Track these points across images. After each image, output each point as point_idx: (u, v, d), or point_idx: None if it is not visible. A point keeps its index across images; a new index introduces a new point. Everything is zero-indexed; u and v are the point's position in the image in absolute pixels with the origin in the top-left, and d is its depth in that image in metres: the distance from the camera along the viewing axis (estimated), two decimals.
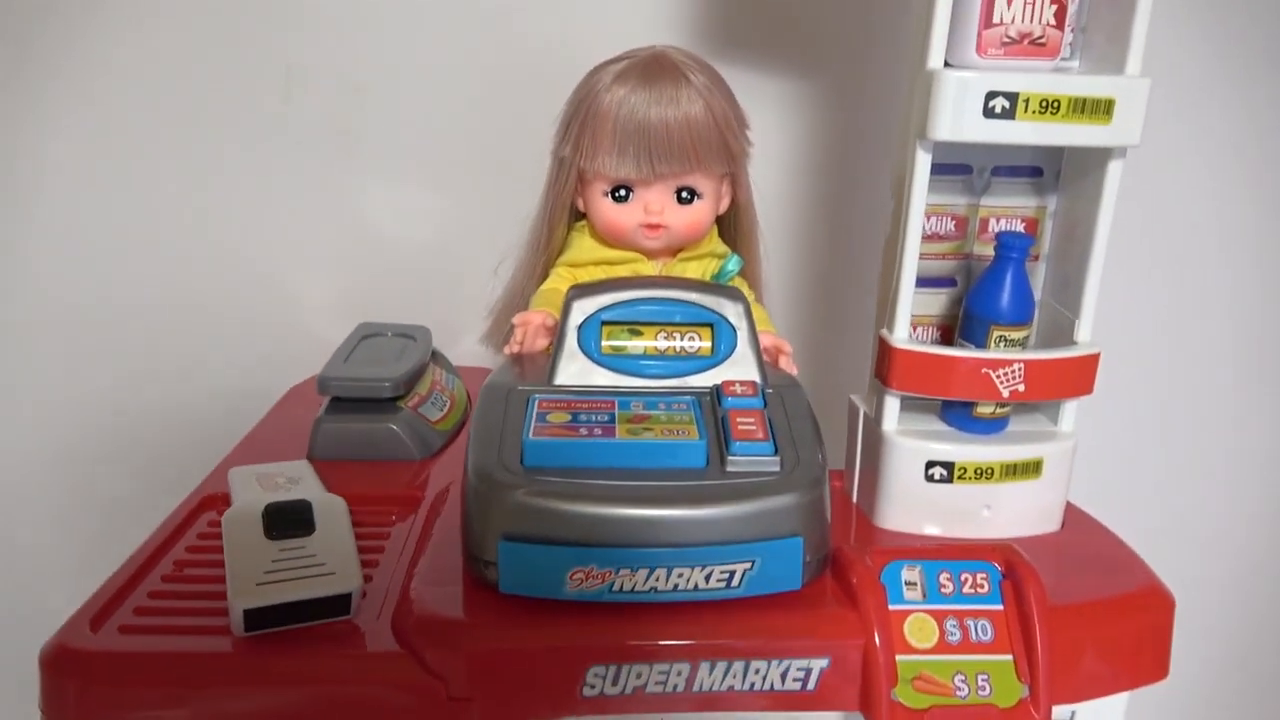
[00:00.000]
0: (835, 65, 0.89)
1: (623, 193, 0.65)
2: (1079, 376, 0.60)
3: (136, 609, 0.54)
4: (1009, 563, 0.54)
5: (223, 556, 0.53)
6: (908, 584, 0.53)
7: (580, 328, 0.60)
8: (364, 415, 0.73)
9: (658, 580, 0.50)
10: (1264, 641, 1.09)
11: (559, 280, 0.68)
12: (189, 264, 0.93)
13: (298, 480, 0.60)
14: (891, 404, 0.62)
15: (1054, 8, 0.56)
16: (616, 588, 0.50)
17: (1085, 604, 0.54)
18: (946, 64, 0.57)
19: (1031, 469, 0.61)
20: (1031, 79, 0.54)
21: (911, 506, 0.62)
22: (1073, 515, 0.64)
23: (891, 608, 0.52)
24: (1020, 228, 0.64)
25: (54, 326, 0.94)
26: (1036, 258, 0.65)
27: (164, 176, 0.91)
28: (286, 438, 0.75)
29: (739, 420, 0.54)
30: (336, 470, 0.69)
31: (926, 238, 0.63)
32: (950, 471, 0.60)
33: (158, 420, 0.96)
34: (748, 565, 0.50)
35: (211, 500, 0.65)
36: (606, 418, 0.55)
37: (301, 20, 0.87)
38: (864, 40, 0.87)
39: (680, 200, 0.65)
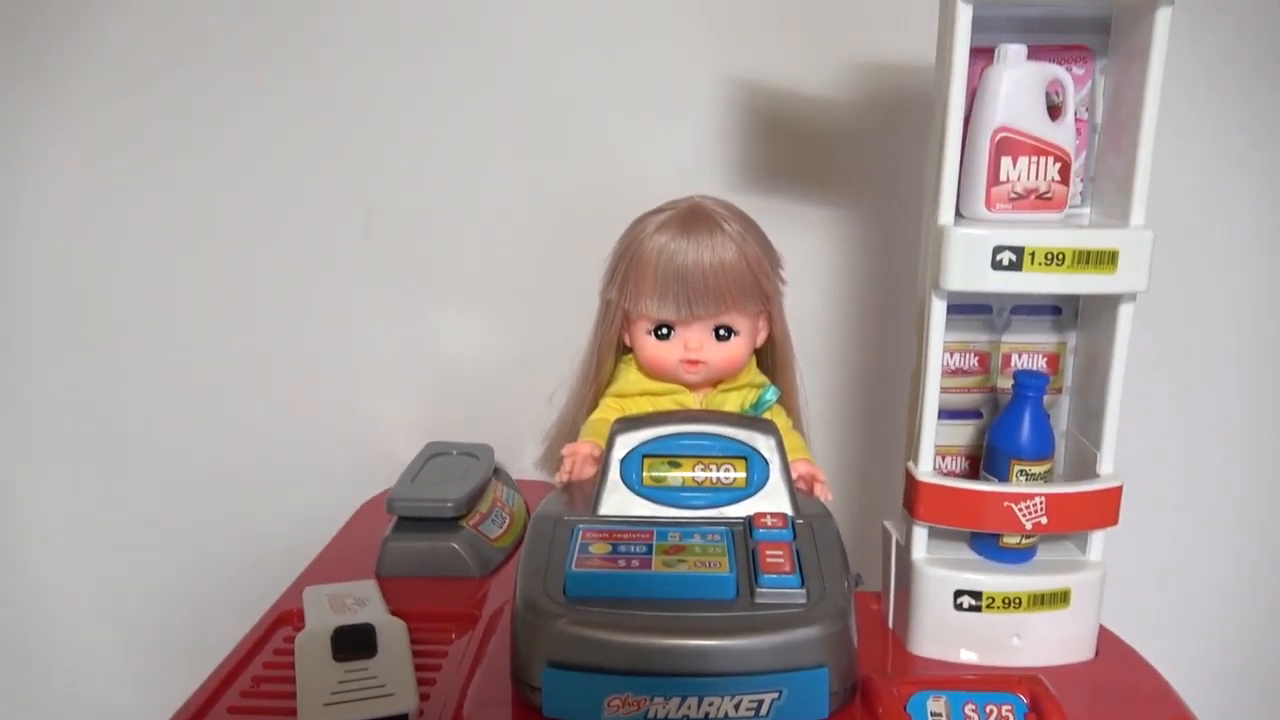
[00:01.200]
0: (870, 196, 0.94)
1: (665, 331, 0.70)
2: (1102, 508, 0.62)
3: None
4: (1034, 695, 0.56)
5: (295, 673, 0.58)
6: (933, 714, 0.55)
7: (623, 461, 0.64)
8: (428, 534, 0.78)
9: (690, 708, 0.53)
10: None
11: (607, 410, 0.73)
12: (271, 385, 1.01)
13: (365, 601, 0.66)
14: (920, 533, 0.64)
15: (1058, 165, 0.60)
16: (651, 715, 0.53)
17: None
18: (959, 214, 0.62)
19: (1059, 599, 0.62)
20: (1037, 234, 0.58)
21: (943, 634, 0.64)
22: (1107, 642, 0.65)
23: None
24: (1042, 363, 0.67)
25: (136, 448, 1.02)
26: (1060, 390, 0.68)
27: (248, 300, 1.00)
28: (358, 554, 0.81)
29: (768, 553, 0.58)
30: (402, 587, 0.74)
31: (951, 372, 0.67)
32: (979, 600, 0.62)
33: (238, 534, 1.03)
34: (775, 695, 0.53)
35: (288, 616, 0.71)
36: (644, 549, 0.59)
37: (379, 164, 0.96)
38: (896, 174, 0.92)
39: (718, 337, 0.70)
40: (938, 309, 0.61)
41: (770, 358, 0.75)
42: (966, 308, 0.66)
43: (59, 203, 0.98)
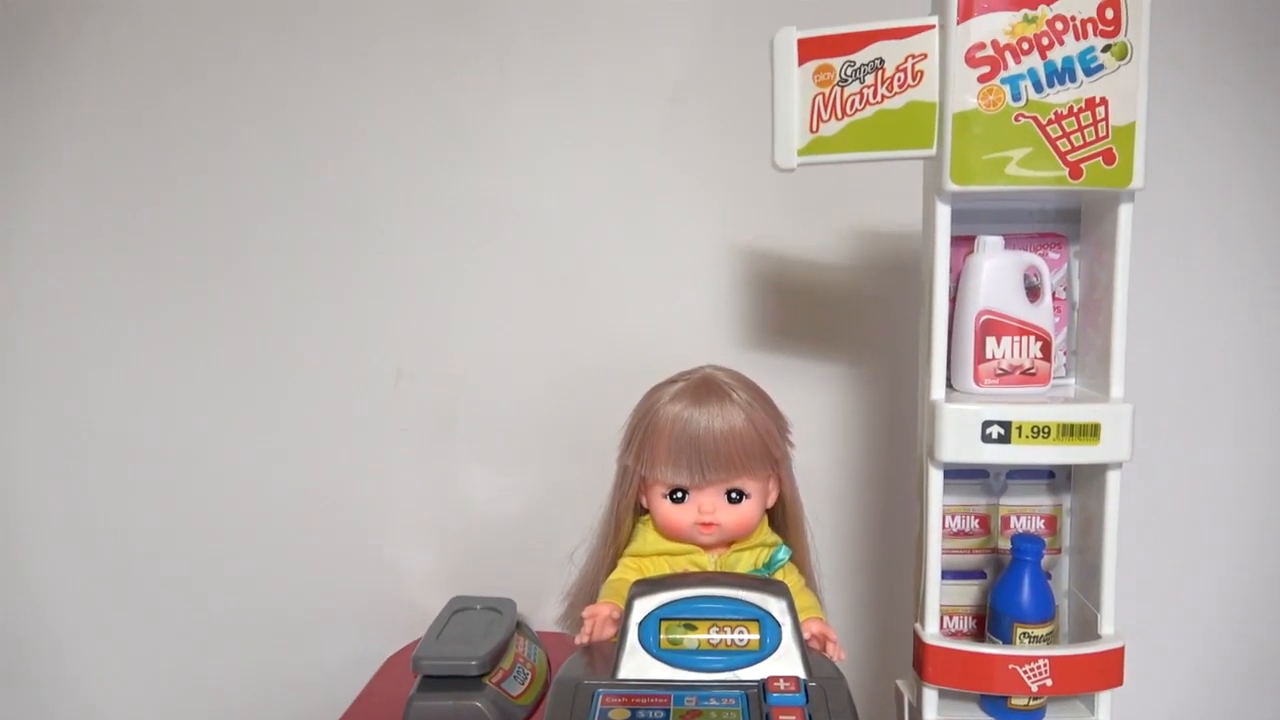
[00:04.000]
0: (874, 354, 0.99)
1: (679, 495, 0.74)
2: (1106, 670, 0.64)
3: None
4: None
5: None
6: None
7: (641, 624, 0.67)
8: (452, 692, 0.81)
9: None
10: None
11: (625, 571, 0.76)
12: (297, 536, 1.05)
13: None
14: (930, 696, 0.66)
15: (1039, 344, 0.65)
16: None
17: None
18: (951, 386, 0.66)
19: None
20: (1023, 409, 0.62)
21: None
22: None
23: None
24: (1040, 524, 0.70)
25: (156, 600, 1.06)
26: (1059, 550, 0.71)
27: (278, 453, 1.04)
28: (382, 712, 0.83)
29: (781, 718, 0.60)
30: None
31: (953, 534, 0.70)
32: None
33: (263, 684, 1.05)
34: None
35: None
36: (662, 714, 0.61)
37: (409, 325, 1.03)
38: (898, 333, 0.97)
39: (730, 500, 0.74)
40: (935, 477, 0.65)
41: (781, 517, 0.79)
42: (964, 473, 0.70)
43: (61, 343, 1.04)
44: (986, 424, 0.62)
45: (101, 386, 1.05)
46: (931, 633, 0.66)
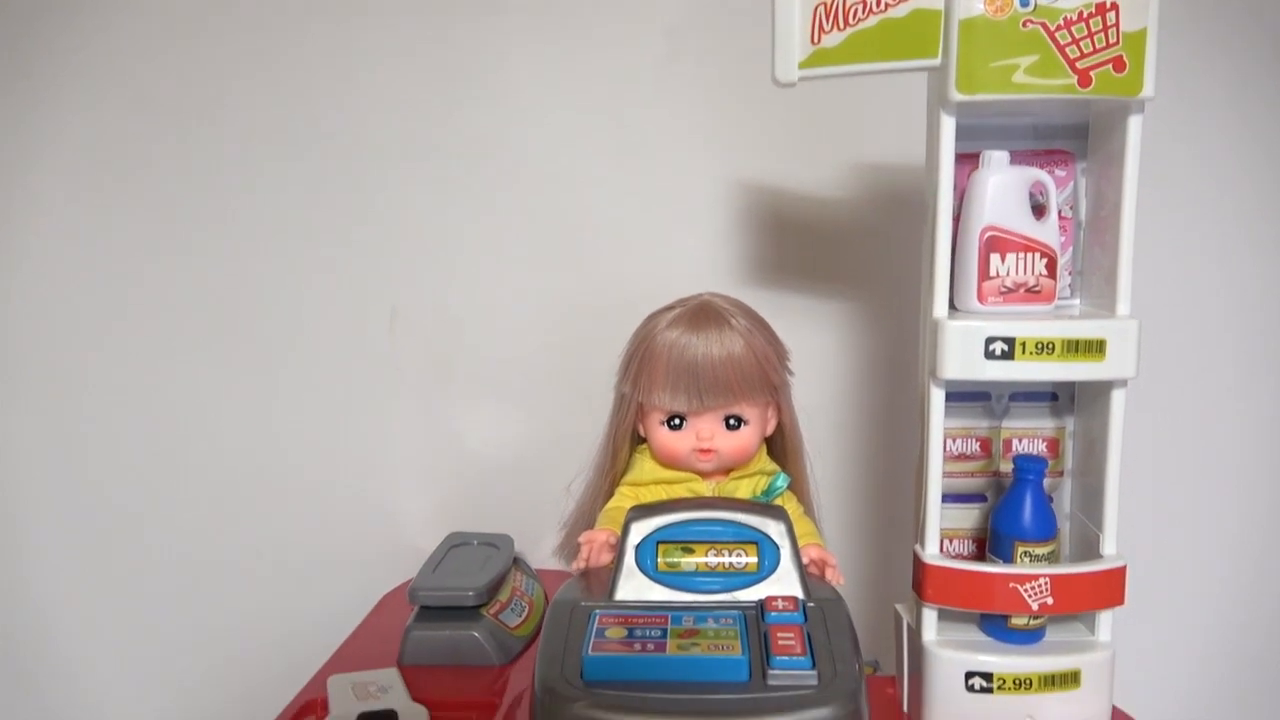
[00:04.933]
0: (873, 289, 0.98)
1: (677, 421, 0.73)
2: (1107, 589, 0.64)
3: None
4: None
5: None
6: None
7: (638, 547, 0.66)
8: (449, 623, 0.80)
9: None
10: None
11: (622, 499, 0.75)
12: (297, 478, 1.04)
13: (387, 689, 0.67)
14: (929, 617, 0.66)
15: (1044, 261, 0.64)
16: None
17: None
18: (954, 308, 0.65)
19: (1070, 679, 0.63)
20: (1027, 325, 0.61)
21: (956, 716, 0.64)
22: None
23: None
24: (1042, 447, 0.70)
25: (162, 534, 1.05)
26: (1061, 474, 0.70)
27: (273, 396, 1.03)
28: (380, 643, 0.82)
29: (779, 635, 0.59)
30: (423, 675, 0.76)
31: (955, 458, 0.69)
32: (990, 682, 0.63)
33: (262, 627, 1.05)
34: None
35: (312, 705, 0.72)
36: (659, 633, 0.60)
37: (403, 266, 1.01)
38: (897, 268, 0.95)
39: (729, 426, 0.73)
40: (937, 398, 0.64)
41: (780, 445, 0.78)
42: (966, 395, 0.69)
43: (63, 297, 1.02)
44: (990, 340, 0.61)
45: (94, 331, 1.03)
46: (931, 553, 0.65)
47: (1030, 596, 0.62)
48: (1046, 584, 0.62)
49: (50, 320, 1.03)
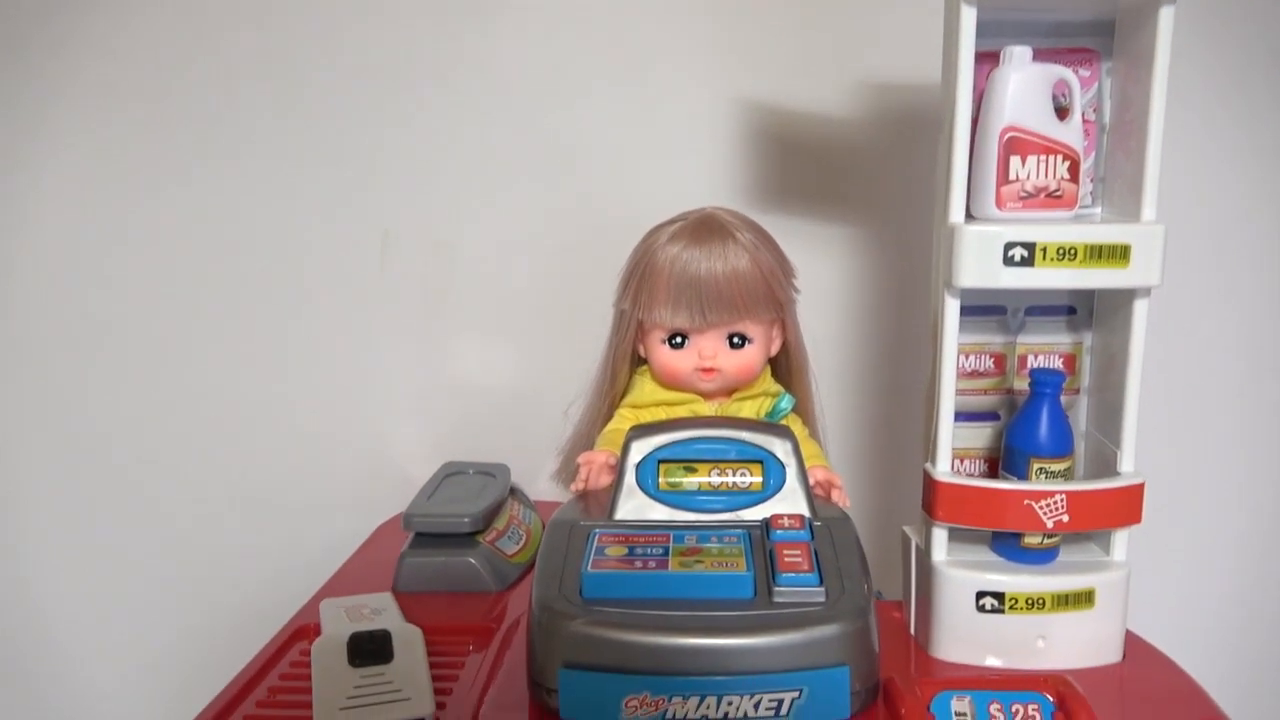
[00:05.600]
0: (882, 213, 0.95)
1: (679, 340, 0.70)
2: (1125, 506, 0.61)
3: None
4: (1061, 695, 0.55)
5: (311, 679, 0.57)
6: (957, 714, 0.54)
7: (638, 466, 0.64)
8: (444, 550, 0.78)
9: (708, 708, 0.52)
10: None
11: (622, 421, 0.73)
12: (288, 411, 1.02)
13: (381, 611, 0.65)
14: (939, 535, 0.64)
15: (1067, 164, 0.60)
16: (670, 715, 0.52)
17: None
18: (970, 216, 0.62)
19: (1084, 599, 0.61)
20: (1048, 229, 0.58)
21: (966, 637, 0.63)
22: (1135, 647, 0.64)
23: None
24: (1058, 363, 0.67)
25: (152, 469, 1.03)
26: (1077, 391, 0.67)
27: (264, 325, 1.00)
28: (375, 571, 0.81)
29: (785, 553, 0.57)
30: (419, 602, 0.74)
31: (967, 375, 0.67)
32: (1001, 602, 0.61)
33: (256, 557, 1.03)
34: (795, 694, 0.52)
35: (305, 630, 0.70)
36: (661, 551, 0.58)
37: (396, 187, 0.98)
38: (907, 189, 0.93)
39: (732, 345, 0.70)
40: (951, 308, 0.61)
41: (785, 366, 0.76)
42: (980, 309, 0.66)
43: (65, 220, 0.99)
44: (1009, 246, 0.58)
45: (81, 261, 1.00)
46: (943, 471, 0.63)
47: (1045, 514, 0.60)
48: (1063, 501, 0.60)
49: (42, 222, 1.00)
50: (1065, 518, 0.60)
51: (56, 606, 1.06)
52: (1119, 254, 0.58)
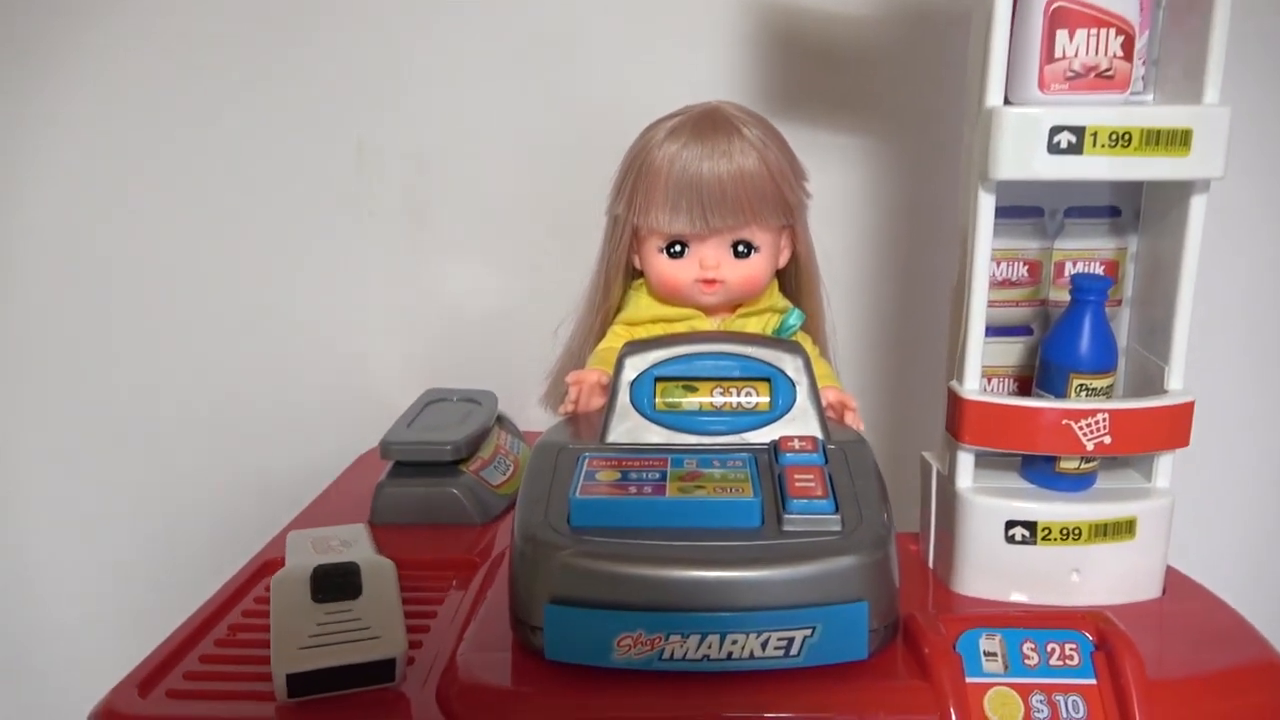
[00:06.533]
0: (897, 117, 0.87)
1: (678, 248, 0.64)
2: (1172, 427, 0.55)
3: (187, 674, 0.53)
4: (1101, 632, 0.49)
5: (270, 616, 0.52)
6: (987, 654, 0.49)
7: (633, 384, 0.58)
8: (425, 479, 0.73)
9: (710, 648, 0.47)
10: None
11: (615, 339, 0.67)
12: (260, 334, 0.96)
13: (352, 543, 0.60)
14: (965, 460, 0.58)
15: (1121, 38, 0.53)
16: (666, 655, 0.47)
17: (1190, 678, 0.49)
18: (1007, 102, 0.55)
19: (1124, 529, 0.56)
20: (1098, 112, 0.51)
21: (992, 571, 0.57)
22: (1175, 581, 0.59)
23: (969, 680, 0.48)
24: (1099, 271, 0.60)
25: (122, 396, 0.97)
26: (1119, 302, 0.61)
27: (235, 246, 0.94)
28: (351, 503, 0.75)
29: (797, 477, 0.51)
30: (397, 535, 0.69)
31: (998, 284, 0.60)
32: (1033, 532, 0.56)
33: (230, 485, 0.98)
34: (808, 632, 0.47)
35: (272, 565, 0.65)
36: (658, 475, 0.53)
37: (369, 94, 0.90)
38: (925, 91, 0.86)
39: (737, 254, 0.64)
40: (985, 206, 0.54)
41: (794, 280, 0.69)
42: (1015, 211, 0.59)
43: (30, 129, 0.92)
44: (1055, 130, 0.51)
45: (45, 178, 0.93)
46: (971, 389, 0.57)
47: (1085, 435, 0.54)
48: (1105, 420, 0.54)
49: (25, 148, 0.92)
50: (1107, 439, 0.54)
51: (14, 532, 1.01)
52: (1179, 140, 0.51)
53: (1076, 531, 0.55)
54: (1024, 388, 0.62)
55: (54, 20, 0.89)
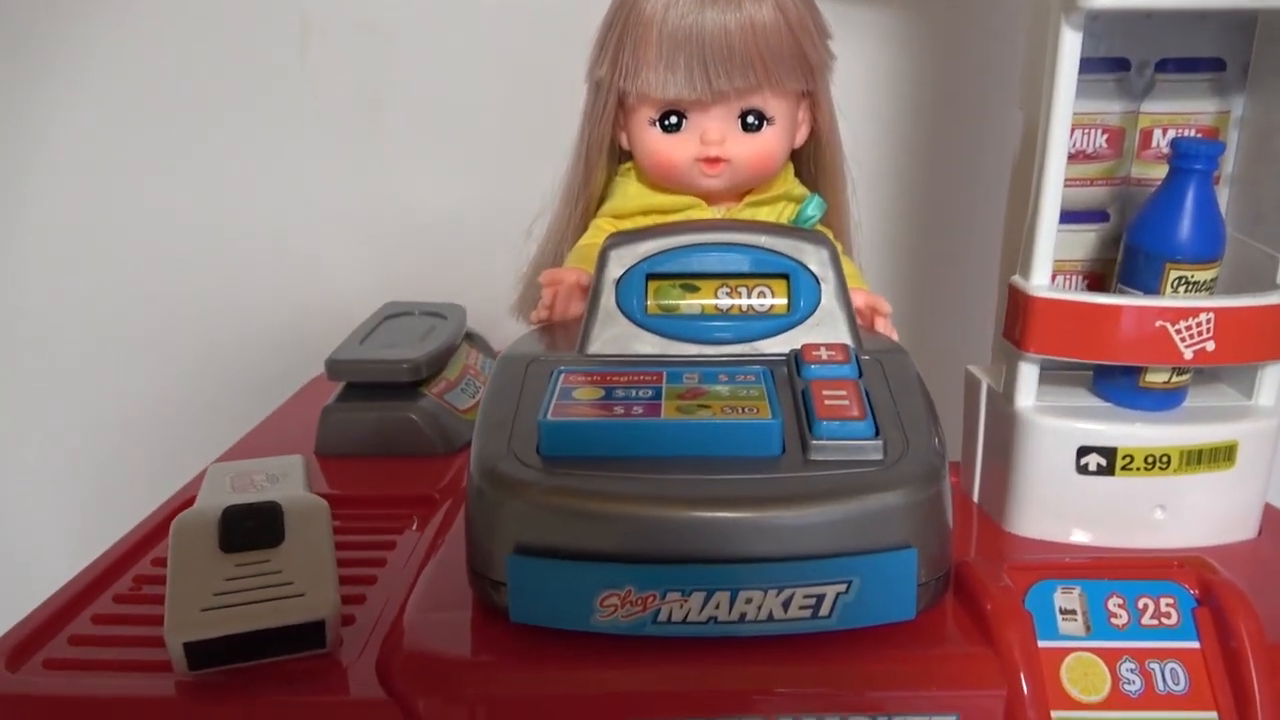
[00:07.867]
0: None
1: (674, 120, 0.52)
2: None
3: (73, 638, 0.44)
4: (1205, 583, 0.40)
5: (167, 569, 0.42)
6: (1064, 612, 0.39)
7: (619, 283, 0.47)
8: (378, 403, 0.64)
9: (718, 607, 0.37)
10: None
11: (598, 234, 0.55)
12: (205, 243, 0.86)
13: (281, 478, 0.49)
14: (1028, 373, 0.47)
15: None
16: (662, 618, 0.37)
17: None
18: None
19: (1222, 456, 0.46)
20: None
21: (1056, 507, 0.47)
22: (1273, 519, 0.49)
23: (1042, 645, 0.38)
24: None
25: (65, 312, 0.88)
26: (1218, 180, 0.50)
27: (177, 148, 0.84)
28: (299, 430, 0.66)
29: (825, 393, 0.41)
30: (346, 467, 0.61)
31: (1069, 158, 0.49)
32: (1110, 461, 0.46)
33: (167, 411, 0.89)
34: (841, 588, 0.37)
35: (191, 505, 0.55)
36: (650, 393, 0.42)
37: None
38: None
39: (746, 127, 0.52)
40: (1069, 44, 0.43)
41: (812, 163, 0.58)
42: (1093, 64, 0.48)
43: None
44: None
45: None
46: (1039, 284, 0.46)
47: (1184, 340, 0.44)
48: (1210, 322, 0.43)
49: None
50: (1210, 345, 0.44)
51: None
52: None
53: (1165, 459, 0.45)
54: (1095, 286, 0.51)
55: None
